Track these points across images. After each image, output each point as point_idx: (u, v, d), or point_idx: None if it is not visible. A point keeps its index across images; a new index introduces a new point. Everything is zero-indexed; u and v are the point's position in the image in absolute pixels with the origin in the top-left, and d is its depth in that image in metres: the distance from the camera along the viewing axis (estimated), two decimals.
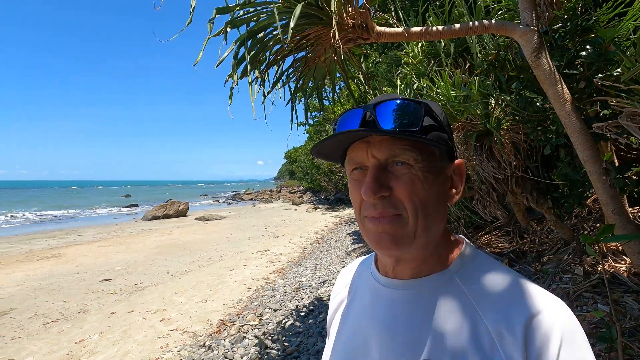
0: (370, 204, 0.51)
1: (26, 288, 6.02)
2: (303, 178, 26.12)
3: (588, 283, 2.11)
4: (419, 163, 0.51)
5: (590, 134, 1.64)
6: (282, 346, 3.28)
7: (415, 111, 0.52)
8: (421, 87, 2.85)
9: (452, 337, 0.49)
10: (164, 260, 7.89)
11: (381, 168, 0.51)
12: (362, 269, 0.70)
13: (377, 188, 0.49)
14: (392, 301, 0.57)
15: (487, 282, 0.53)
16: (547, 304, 0.48)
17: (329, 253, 7.32)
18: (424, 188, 0.51)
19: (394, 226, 0.51)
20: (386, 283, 0.59)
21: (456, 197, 0.57)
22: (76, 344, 3.75)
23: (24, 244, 10.90)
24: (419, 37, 1.88)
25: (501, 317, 0.48)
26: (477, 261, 0.57)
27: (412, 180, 0.51)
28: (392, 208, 0.51)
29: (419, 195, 0.51)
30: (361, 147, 0.53)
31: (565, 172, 2.21)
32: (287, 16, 1.87)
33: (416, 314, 0.53)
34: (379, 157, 0.51)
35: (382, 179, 0.51)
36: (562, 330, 0.45)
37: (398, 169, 0.51)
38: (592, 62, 1.75)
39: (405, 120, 0.51)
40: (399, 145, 0.51)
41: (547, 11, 1.99)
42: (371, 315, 0.58)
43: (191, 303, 4.84)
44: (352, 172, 0.55)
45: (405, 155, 0.51)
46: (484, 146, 2.54)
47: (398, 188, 0.51)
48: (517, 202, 2.89)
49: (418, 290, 0.55)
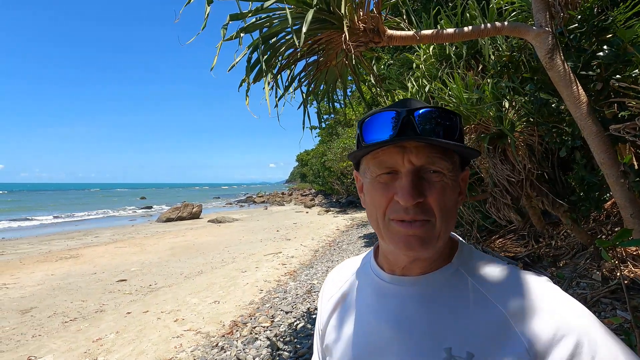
0: (402, 208, 0.52)
1: (46, 287, 6.20)
2: (314, 181, 26.16)
3: (606, 289, 2.06)
4: (450, 172, 0.53)
5: (608, 136, 1.61)
6: (293, 348, 3.29)
7: (452, 120, 0.54)
8: (433, 89, 2.84)
9: (468, 324, 0.51)
10: (177, 261, 8.00)
11: (417, 174, 0.52)
12: (358, 270, 0.70)
13: (416, 194, 0.51)
14: (403, 298, 0.58)
15: (488, 271, 0.57)
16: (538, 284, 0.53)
17: (340, 256, 7.30)
18: (450, 195, 0.54)
19: (424, 230, 0.52)
20: (394, 281, 0.60)
21: (462, 201, 0.61)
22: (93, 343, 3.84)
23: (44, 245, 11.22)
24: (431, 40, 1.88)
25: (510, 299, 0.51)
26: (474, 255, 0.61)
27: (443, 188, 0.53)
28: (424, 214, 0.52)
29: (445, 203, 0.53)
30: (395, 152, 0.53)
31: (582, 175, 2.16)
32: (299, 21, 1.90)
33: (430, 308, 0.55)
34: (415, 163, 0.52)
35: (419, 185, 0.52)
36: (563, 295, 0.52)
37: (432, 177, 0.53)
38: (609, 63, 1.71)
39: (444, 128, 0.53)
40: (434, 153, 0.52)
41: (561, 12, 1.97)
42: (380, 314, 0.59)
43: (204, 304, 4.90)
44: (380, 175, 0.55)
45: (440, 164, 0.52)
46: (497, 149, 2.51)
47: (431, 195, 0.52)
48: (532, 205, 2.84)
49: (428, 285, 0.57)
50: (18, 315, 4.86)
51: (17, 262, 8.47)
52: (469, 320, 0.52)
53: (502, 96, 2.35)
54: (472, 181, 3.04)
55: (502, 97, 2.35)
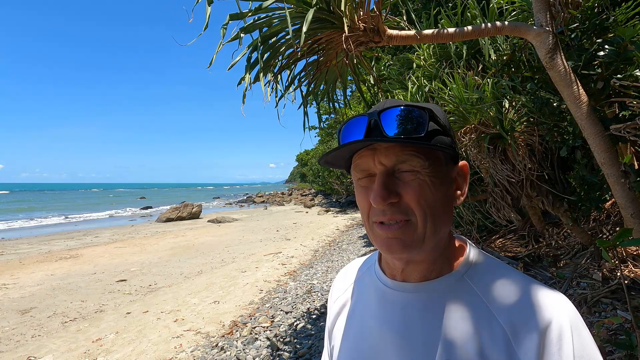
0: (380, 210, 0.52)
1: (46, 287, 6.19)
2: (314, 181, 26.16)
3: (607, 289, 2.05)
4: (425, 169, 0.52)
5: (608, 136, 1.60)
6: (293, 348, 3.29)
7: (419, 117, 0.52)
8: (433, 89, 2.84)
9: (468, 337, 0.50)
10: (177, 261, 8.00)
11: (389, 174, 0.52)
12: (363, 272, 0.70)
13: (386, 195, 0.50)
14: (404, 305, 0.57)
15: (495, 281, 0.54)
16: (556, 303, 0.50)
17: (340, 256, 7.30)
18: (432, 193, 0.52)
19: (404, 231, 0.51)
20: (395, 286, 0.59)
21: (461, 198, 0.58)
22: (93, 343, 3.83)
23: (44, 245, 11.21)
24: (431, 40, 1.88)
25: (516, 316, 0.49)
26: (483, 262, 0.58)
27: (419, 186, 0.51)
28: (401, 214, 0.51)
29: (427, 200, 0.52)
30: (367, 155, 0.54)
31: (582, 174, 2.16)
32: (299, 21, 1.90)
33: (430, 317, 0.54)
34: (386, 163, 0.52)
35: (391, 185, 0.51)
36: (570, 326, 0.47)
37: (405, 175, 0.52)
38: (610, 62, 1.71)
39: (409, 126, 0.52)
40: (405, 151, 0.51)
41: (562, 11, 1.96)
42: (382, 320, 0.59)
43: (204, 304, 4.89)
44: (360, 179, 0.56)
45: (412, 162, 0.51)
46: (497, 148, 2.51)
47: (406, 194, 0.51)
48: (532, 205, 2.84)
49: (430, 293, 0.56)
50: (18, 315, 4.86)
51: (16, 262, 8.46)
52: (469, 333, 0.50)
53: (502, 96, 2.34)
54: (472, 181, 3.03)
55: (502, 96, 2.35)
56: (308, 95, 2.51)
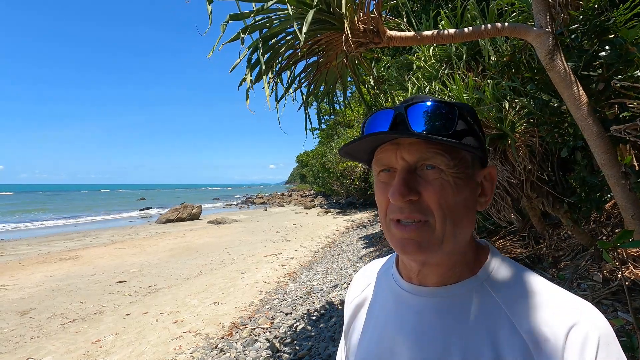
0: (397, 207, 0.50)
1: (45, 289, 6.18)
2: (314, 182, 26.14)
3: (607, 290, 2.05)
4: (450, 169, 0.49)
5: (609, 137, 1.60)
6: (293, 350, 3.28)
7: (447, 114, 0.50)
8: (433, 90, 2.84)
9: (484, 346, 0.48)
10: (177, 262, 7.99)
11: (410, 171, 0.50)
12: (381, 273, 0.68)
13: (405, 191, 0.48)
14: (421, 310, 0.55)
15: (518, 288, 0.51)
16: (582, 311, 0.46)
17: (340, 257, 7.29)
18: (453, 194, 0.49)
19: (420, 233, 0.49)
20: (411, 290, 0.57)
21: (485, 204, 0.55)
22: (92, 344, 3.83)
23: (43, 246, 11.20)
24: (431, 41, 1.87)
25: (537, 325, 0.46)
26: (505, 267, 0.55)
27: (442, 186, 0.49)
28: (419, 213, 0.49)
29: (447, 202, 0.49)
30: (390, 149, 0.52)
31: (583, 175, 2.16)
32: (299, 22, 1.90)
33: (446, 324, 0.52)
34: (408, 160, 0.50)
35: (411, 182, 0.49)
36: (598, 336, 0.44)
37: (428, 173, 0.50)
38: (611, 64, 1.71)
39: (437, 122, 0.50)
40: (430, 149, 0.49)
41: (562, 12, 1.96)
42: (398, 323, 0.57)
43: (204, 305, 4.88)
44: (380, 173, 0.54)
45: (437, 160, 0.49)
46: (497, 150, 2.51)
47: (427, 193, 0.49)
48: (533, 206, 2.84)
49: (447, 298, 0.53)
50: (17, 316, 4.85)
51: (16, 264, 8.45)
52: (486, 342, 0.48)
53: (502, 97, 2.34)
54: None
55: (502, 97, 2.35)
56: (309, 96, 2.51)
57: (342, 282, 5.28)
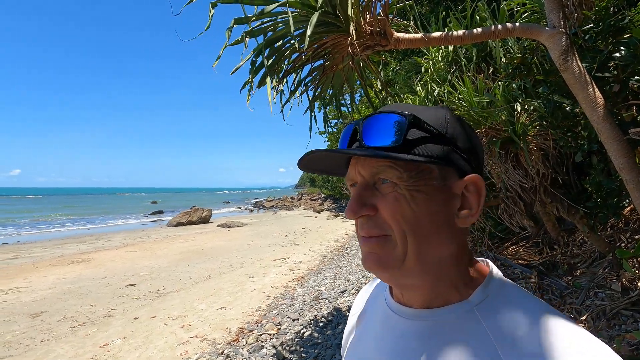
0: (359, 223, 0.49)
1: (57, 291, 6.27)
2: (324, 185, 26.14)
3: (627, 300, 1.96)
4: (404, 181, 0.46)
5: (627, 140, 1.53)
6: (299, 357, 3.24)
7: (396, 124, 0.47)
8: (442, 93, 2.79)
9: None
10: (186, 266, 8.03)
11: (367, 186, 0.49)
12: (377, 291, 0.65)
13: (357, 208, 0.47)
14: (402, 332, 0.51)
15: (513, 319, 0.44)
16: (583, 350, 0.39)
17: (349, 262, 7.23)
18: (412, 208, 0.46)
19: (381, 247, 0.48)
20: (397, 310, 0.54)
21: (470, 219, 0.49)
22: (100, 348, 3.85)
23: (57, 249, 11.42)
24: (440, 43, 1.83)
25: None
26: (504, 293, 0.49)
27: (396, 200, 0.46)
28: (377, 228, 0.48)
29: (405, 216, 0.46)
30: (352, 164, 0.52)
31: (599, 180, 2.08)
32: (304, 25, 1.87)
33: (426, 349, 0.47)
34: (364, 174, 0.49)
35: (366, 197, 0.48)
36: None
37: (384, 187, 0.48)
38: (627, 64, 1.64)
39: (383, 134, 0.48)
40: (380, 162, 0.47)
41: (575, 12, 1.90)
42: (381, 343, 0.54)
43: (211, 310, 4.88)
44: (350, 188, 0.54)
45: (388, 173, 0.47)
46: (509, 153, 2.44)
47: (382, 208, 0.47)
48: (547, 211, 2.75)
49: (430, 322, 0.49)
50: (29, 319, 4.92)
51: (30, 266, 8.62)
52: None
53: (513, 99, 2.28)
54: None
55: (513, 100, 2.28)
56: (315, 99, 2.48)
57: (350, 288, 5.22)
